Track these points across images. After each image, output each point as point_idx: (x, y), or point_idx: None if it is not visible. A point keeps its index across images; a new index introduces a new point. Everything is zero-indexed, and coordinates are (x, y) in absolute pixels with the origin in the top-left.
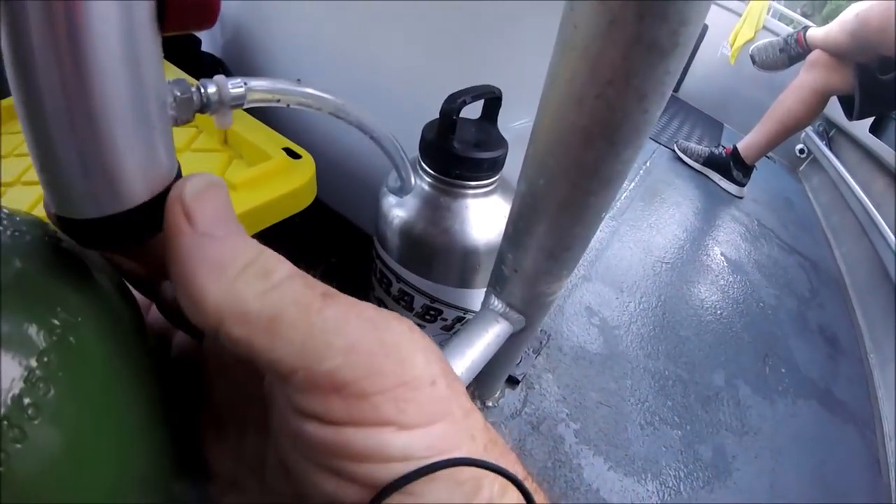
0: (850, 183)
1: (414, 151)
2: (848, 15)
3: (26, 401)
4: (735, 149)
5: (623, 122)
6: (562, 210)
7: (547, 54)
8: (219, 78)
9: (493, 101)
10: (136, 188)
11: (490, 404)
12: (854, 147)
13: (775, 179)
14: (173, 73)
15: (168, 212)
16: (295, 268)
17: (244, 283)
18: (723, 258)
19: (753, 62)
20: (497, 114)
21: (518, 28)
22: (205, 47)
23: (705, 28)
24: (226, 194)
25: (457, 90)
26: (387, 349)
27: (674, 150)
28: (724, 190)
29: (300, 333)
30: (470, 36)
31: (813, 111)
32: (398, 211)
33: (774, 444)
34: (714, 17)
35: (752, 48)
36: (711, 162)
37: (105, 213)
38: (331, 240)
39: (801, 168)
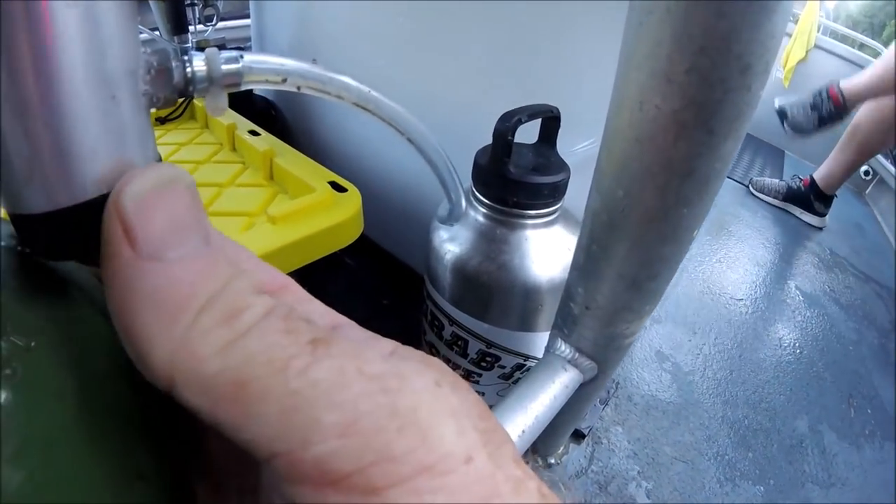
0: None
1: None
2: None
3: None
4: (812, 180)
5: (723, 102)
6: (647, 226)
7: (606, 70)
8: (210, 50)
9: (550, 121)
10: (94, 175)
11: (553, 461)
12: None
13: (843, 205)
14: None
15: (104, 225)
16: (276, 301)
17: (201, 334)
18: (798, 292)
19: (783, 120)
20: (556, 136)
21: (575, 46)
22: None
23: None
24: (189, 193)
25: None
26: (401, 421)
27: (748, 188)
28: (806, 223)
29: (276, 406)
30: (525, 58)
31: (893, 131)
32: (450, 245)
33: (863, 495)
34: None
35: (781, 102)
36: (791, 197)
37: (57, 207)
38: (383, 281)
39: (867, 191)
